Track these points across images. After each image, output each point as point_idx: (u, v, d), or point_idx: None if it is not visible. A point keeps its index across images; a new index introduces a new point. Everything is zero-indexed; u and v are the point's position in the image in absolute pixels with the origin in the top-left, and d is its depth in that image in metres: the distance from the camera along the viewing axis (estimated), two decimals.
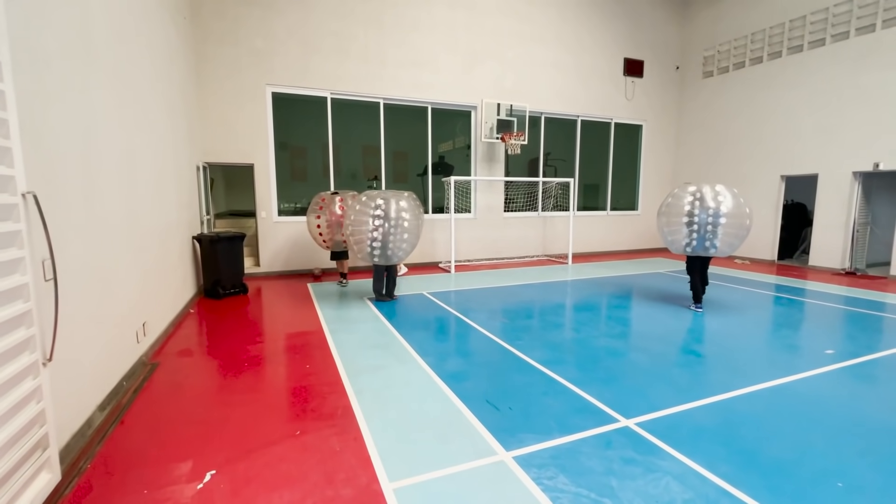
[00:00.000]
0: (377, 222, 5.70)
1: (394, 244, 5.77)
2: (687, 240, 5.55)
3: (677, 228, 5.61)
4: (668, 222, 5.72)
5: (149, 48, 4.72)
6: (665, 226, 5.79)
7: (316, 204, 7.20)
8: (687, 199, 5.55)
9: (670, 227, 5.71)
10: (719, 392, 3.37)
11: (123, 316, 3.61)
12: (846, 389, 3.46)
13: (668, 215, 5.72)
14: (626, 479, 2.33)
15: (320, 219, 7.08)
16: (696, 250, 5.55)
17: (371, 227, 5.70)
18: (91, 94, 3.19)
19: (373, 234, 5.71)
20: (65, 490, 2.26)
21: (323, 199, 7.16)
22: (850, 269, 8.95)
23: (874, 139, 8.47)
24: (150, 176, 4.55)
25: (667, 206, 5.79)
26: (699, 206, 5.43)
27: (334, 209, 7.00)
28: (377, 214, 5.69)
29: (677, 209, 5.61)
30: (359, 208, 5.78)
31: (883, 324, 5.33)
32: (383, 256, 5.84)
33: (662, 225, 5.85)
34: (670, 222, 5.69)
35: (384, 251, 5.79)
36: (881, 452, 2.60)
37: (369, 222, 5.70)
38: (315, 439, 2.72)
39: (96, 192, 3.18)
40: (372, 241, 5.73)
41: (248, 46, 7.90)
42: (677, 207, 5.62)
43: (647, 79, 11.82)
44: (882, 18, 8.29)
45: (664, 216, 5.81)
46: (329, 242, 7.20)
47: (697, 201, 5.47)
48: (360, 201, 5.84)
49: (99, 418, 2.96)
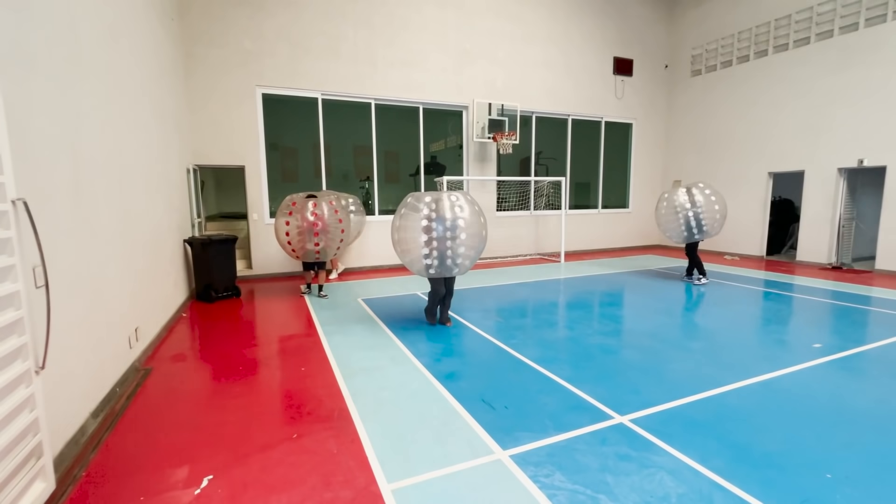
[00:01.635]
0: (430, 224, 4.58)
1: (453, 251, 4.60)
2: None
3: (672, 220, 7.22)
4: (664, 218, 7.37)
5: (136, 50, 4.68)
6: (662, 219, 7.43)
7: (286, 207, 6.35)
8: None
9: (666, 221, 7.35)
10: (711, 387, 3.43)
11: (115, 321, 3.58)
12: (833, 382, 3.54)
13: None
14: (622, 474, 2.36)
15: (289, 224, 6.24)
16: None
17: (423, 234, 4.60)
18: (79, 98, 3.16)
19: (425, 241, 4.62)
20: (60, 499, 2.24)
21: (294, 203, 6.32)
22: (836, 263, 9.12)
23: (858, 136, 8.63)
24: (140, 179, 4.51)
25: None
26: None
27: (306, 215, 6.19)
28: (427, 216, 4.58)
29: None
30: (405, 212, 4.78)
31: (868, 317, 5.44)
32: (442, 267, 4.69)
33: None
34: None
35: (443, 261, 4.66)
36: (867, 443, 2.66)
37: (419, 227, 4.61)
38: (312, 442, 2.72)
39: (86, 196, 3.15)
40: (427, 250, 4.64)
41: (238, 47, 7.84)
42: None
43: (637, 77, 11.93)
44: (865, 17, 8.45)
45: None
46: (299, 251, 6.37)
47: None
48: (405, 203, 4.82)
49: (92, 425, 2.93)
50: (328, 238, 6.33)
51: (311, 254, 6.37)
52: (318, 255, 6.40)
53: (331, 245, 6.43)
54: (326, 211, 6.28)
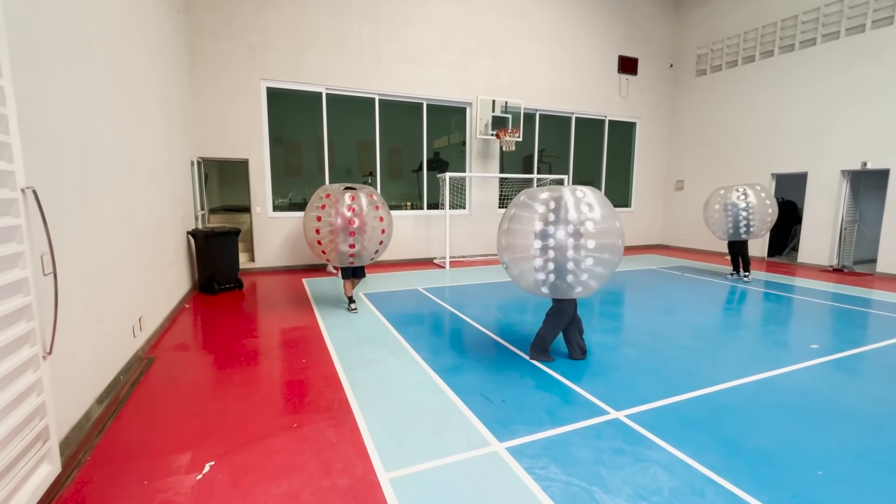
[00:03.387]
0: (545, 228, 3.50)
1: (576, 264, 3.45)
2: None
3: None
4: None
5: (143, 42, 4.71)
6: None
7: (317, 200, 5.24)
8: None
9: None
10: (707, 385, 3.46)
11: (120, 310, 3.63)
12: (829, 382, 3.57)
13: None
14: (616, 468, 2.40)
15: (321, 220, 5.12)
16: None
17: (536, 241, 3.53)
18: (87, 89, 3.20)
19: (539, 249, 3.53)
20: (65, 481, 2.29)
21: (328, 196, 5.17)
22: (837, 265, 9.12)
23: (862, 138, 8.61)
24: (145, 171, 4.55)
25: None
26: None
27: (342, 210, 5.07)
28: (543, 216, 3.53)
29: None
30: (515, 212, 3.74)
31: (868, 319, 5.46)
32: (559, 284, 3.56)
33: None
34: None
35: (561, 276, 3.51)
36: (859, 441, 2.70)
37: (532, 231, 3.55)
38: (312, 431, 2.77)
39: (93, 186, 3.20)
40: (542, 262, 3.54)
41: (242, 40, 7.86)
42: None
43: (642, 76, 11.90)
44: (871, 19, 8.41)
45: None
46: (331, 254, 5.21)
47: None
48: (517, 202, 3.80)
49: (97, 411, 2.99)
50: (365, 239, 5.18)
51: (344, 257, 5.20)
52: (353, 260, 5.27)
53: (368, 248, 5.24)
54: (365, 206, 5.17)
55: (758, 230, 7.38)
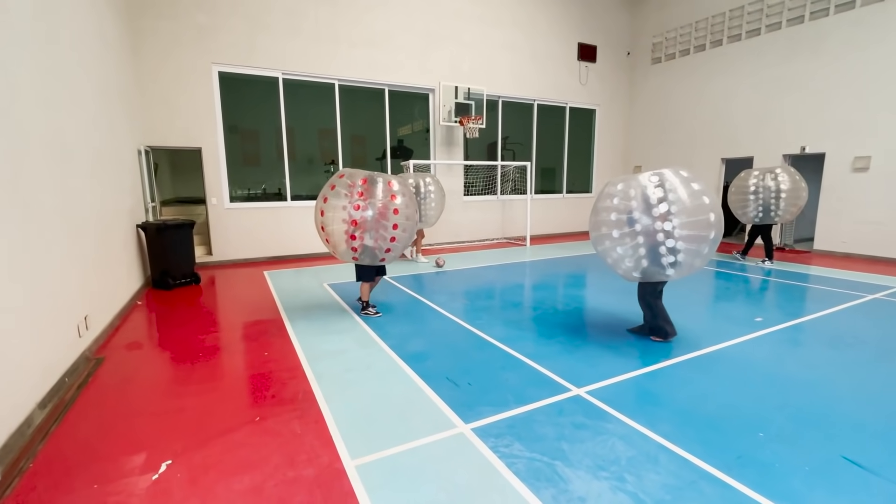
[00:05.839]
0: (620, 217, 3.55)
1: (687, 248, 3.49)
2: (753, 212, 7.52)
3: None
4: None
5: (73, 18, 4.35)
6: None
7: (343, 187, 4.34)
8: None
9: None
10: (662, 359, 3.63)
11: (61, 309, 3.40)
12: (771, 352, 3.83)
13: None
14: (577, 442, 2.49)
15: (346, 209, 4.28)
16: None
17: (615, 230, 3.62)
18: (9, 73, 2.93)
19: (619, 236, 3.59)
20: (5, 490, 2.15)
21: (363, 182, 4.32)
22: (779, 244, 9.73)
23: (801, 124, 9.17)
24: (84, 161, 4.25)
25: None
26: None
27: (378, 194, 4.33)
28: (616, 207, 3.59)
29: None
30: (597, 205, 3.68)
31: (806, 293, 5.88)
32: (653, 267, 3.63)
33: None
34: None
35: (654, 257, 3.57)
36: (796, 405, 2.91)
37: (611, 221, 3.62)
38: (275, 424, 2.71)
39: (22, 176, 2.95)
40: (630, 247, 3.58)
41: (190, 21, 7.41)
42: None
43: (601, 64, 12.13)
44: (809, 11, 8.90)
45: None
46: (365, 253, 4.49)
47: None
48: (602, 193, 3.77)
49: (40, 416, 2.81)
50: (376, 237, 4.41)
51: (346, 254, 4.54)
52: (359, 257, 4.56)
53: (380, 246, 4.47)
54: (381, 195, 4.37)
55: (785, 214, 7.32)
